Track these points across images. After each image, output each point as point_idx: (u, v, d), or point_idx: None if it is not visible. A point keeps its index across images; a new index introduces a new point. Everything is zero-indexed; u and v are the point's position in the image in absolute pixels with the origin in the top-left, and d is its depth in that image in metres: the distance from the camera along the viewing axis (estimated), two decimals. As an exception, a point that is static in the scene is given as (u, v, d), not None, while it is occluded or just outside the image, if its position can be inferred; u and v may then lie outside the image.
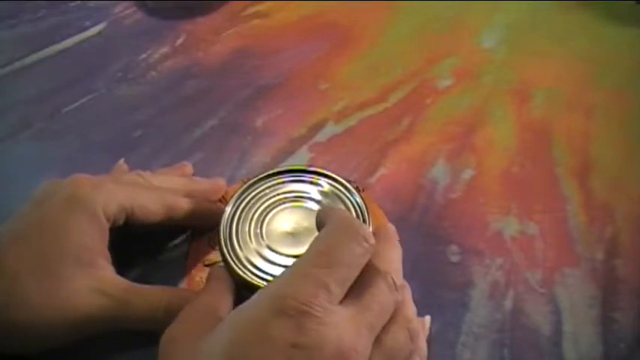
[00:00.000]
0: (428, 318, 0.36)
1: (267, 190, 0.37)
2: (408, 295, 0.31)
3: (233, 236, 0.35)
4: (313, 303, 0.25)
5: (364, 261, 0.28)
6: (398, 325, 0.29)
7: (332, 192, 0.37)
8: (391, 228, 0.33)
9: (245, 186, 0.37)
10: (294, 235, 0.35)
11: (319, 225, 0.31)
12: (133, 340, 0.35)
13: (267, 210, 0.36)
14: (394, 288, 0.29)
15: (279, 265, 0.34)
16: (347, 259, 0.27)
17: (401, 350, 0.28)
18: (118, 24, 0.60)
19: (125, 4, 0.62)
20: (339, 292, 0.27)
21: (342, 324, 0.26)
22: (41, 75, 0.54)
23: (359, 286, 0.28)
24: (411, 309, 0.30)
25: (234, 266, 0.33)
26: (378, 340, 0.27)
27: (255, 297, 0.27)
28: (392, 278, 0.29)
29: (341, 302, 0.27)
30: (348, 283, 0.28)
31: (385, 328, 0.28)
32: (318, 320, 0.25)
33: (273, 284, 0.27)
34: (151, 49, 0.57)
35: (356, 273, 0.28)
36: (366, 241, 0.28)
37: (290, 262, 0.34)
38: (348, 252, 0.28)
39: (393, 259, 0.30)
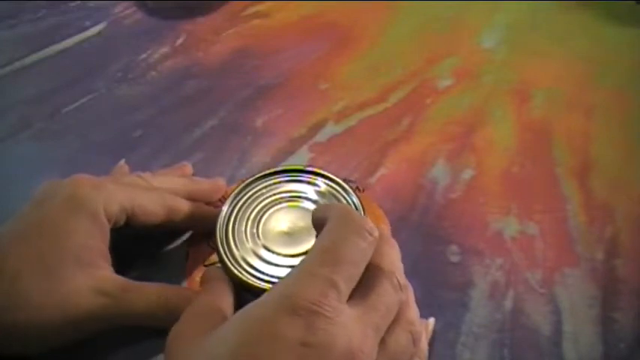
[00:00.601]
0: (432, 320, 0.36)
1: (264, 190, 0.37)
2: (410, 295, 0.31)
3: (229, 236, 0.35)
4: (323, 302, 0.25)
5: (369, 254, 0.28)
6: (401, 328, 0.28)
7: (329, 192, 0.37)
8: (385, 229, 0.33)
9: (242, 186, 0.37)
10: (290, 235, 0.35)
11: (318, 221, 0.31)
12: (132, 342, 0.35)
13: (264, 210, 0.36)
14: (399, 288, 0.29)
15: (276, 265, 0.34)
16: (352, 255, 0.27)
17: (403, 354, 0.28)
18: (118, 24, 0.60)
19: (125, 4, 0.62)
20: (346, 290, 0.27)
21: (350, 324, 0.26)
22: (41, 75, 0.54)
23: (364, 286, 0.28)
24: (413, 310, 0.30)
25: (231, 266, 0.33)
26: (382, 342, 0.27)
27: (261, 298, 0.27)
28: (396, 278, 0.29)
29: (347, 302, 0.27)
30: (355, 280, 0.28)
31: (389, 330, 0.28)
32: (328, 320, 0.25)
33: (281, 284, 0.27)
34: (151, 49, 0.57)
35: (362, 269, 0.28)
36: (370, 234, 0.28)
37: (286, 261, 0.34)
38: (352, 247, 0.28)
39: (394, 259, 0.30)
